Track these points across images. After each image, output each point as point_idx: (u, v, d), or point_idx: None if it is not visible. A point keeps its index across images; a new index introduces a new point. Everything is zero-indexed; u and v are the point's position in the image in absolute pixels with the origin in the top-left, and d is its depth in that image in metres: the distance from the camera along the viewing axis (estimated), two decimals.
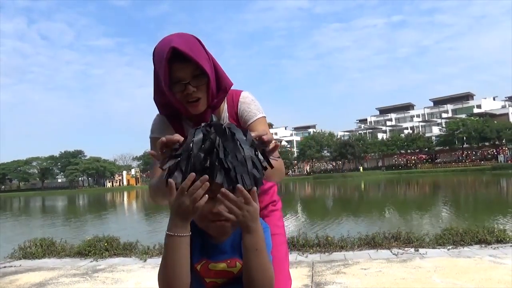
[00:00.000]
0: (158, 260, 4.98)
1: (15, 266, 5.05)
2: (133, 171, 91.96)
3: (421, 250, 4.61)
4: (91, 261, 5.13)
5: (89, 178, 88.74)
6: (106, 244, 5.55)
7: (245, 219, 0.91)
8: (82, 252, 5.46)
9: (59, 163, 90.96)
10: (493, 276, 3.42)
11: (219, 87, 1.31)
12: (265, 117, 1.41)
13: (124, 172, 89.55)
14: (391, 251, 4.68)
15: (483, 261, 4.00)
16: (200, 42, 1.26)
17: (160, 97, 1.32)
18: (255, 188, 0.92)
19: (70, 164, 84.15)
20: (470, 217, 11.09)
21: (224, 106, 1.41)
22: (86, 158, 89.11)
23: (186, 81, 1.21)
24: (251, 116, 1.38)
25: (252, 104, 1.40)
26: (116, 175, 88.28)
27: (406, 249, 4.74)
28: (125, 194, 54.00)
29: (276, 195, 1.58)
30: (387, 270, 3.84)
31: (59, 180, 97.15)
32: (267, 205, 1.52)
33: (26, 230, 13.01)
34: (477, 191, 23.50)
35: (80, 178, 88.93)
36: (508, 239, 4.79)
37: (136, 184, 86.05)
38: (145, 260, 5.00)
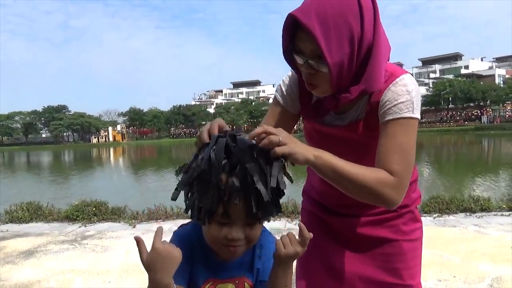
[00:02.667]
0: (147, 226, 5.01)
1: (1, 231, 5.00)
2: (118, 127, 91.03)
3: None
4: (79, 226, 5.11)
5: (74, 134, 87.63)
6: (94, 209, 5.51)
7: (295, 257, 0.87)
8: (70, 217, 5.43)
9: (42, 118, 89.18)
10: (478, 248, 3.50)
11: (359, 79, 0.98)
12: (415, 119, 1.01)
13: (110, 128, 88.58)
14: None
15: (468, 230, 4.10)
16: (362, 8, 0.92)
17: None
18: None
19: (54, 119, 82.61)
20: (450, 178, 11.37)
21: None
22: (70, 113, 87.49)
23: (304, 57, 0.96)
24: (393, 111, 1.00)
25: (404, 96, 1.01)
26: (102, 131, 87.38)
27: None
28: (111, 150, 53.72)
29: None
30: None
31: (43, 135, 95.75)
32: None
33: (12, 189, 12.90)
34: (458, 152, 24.05)
35: (65, 134, 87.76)
36: (492, 207, 4.91)
37: (122, 140, 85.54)
38: (134, 226, 5.00)
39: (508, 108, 62.38)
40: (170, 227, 4.90)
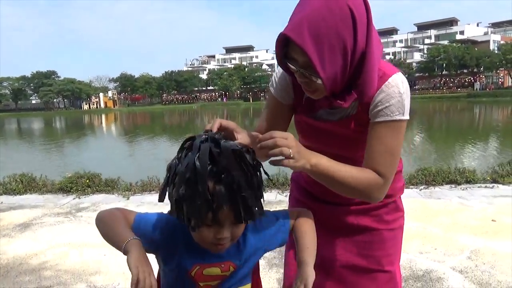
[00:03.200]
0: (140, 198, 5.10)
1: None
2: (110, 93, 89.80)
3: None
4: (73, 198, 5.18)
5: (65, 100, 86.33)
6: (88, 180, 5.57)
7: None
8: (64, 189, 5.50)
9: (31, 84, 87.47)
10: (459, 221, 3.65)
11: (352, 88, 1.01)
12: (404, 121, 1.06)
13: (101, 94, 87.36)
14: None
15: (452, 203, 4.24)
16: (355, 17, 0.91)
17: None
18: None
19: (44, 85, 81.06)
20: (439, 148, 11.56)
21: None
22: (60, 79, 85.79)
23: (297, 67, 0.99)
24: (384, 113, 1.04)
25: (396, 97, 1.04)
26: (93, 97, 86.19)
27: None
28: (103, 117, 53.28)
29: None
30: None
31: (33, 102, 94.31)
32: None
33: (2, 157, 12.87)
34: (448, 120, 24.28)
35: (55, 100, 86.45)
36: (476, 179, 5.05)
37: (114, 107, 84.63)
38: (128, 198, 5.09)
39: (501, 75, 62.40)
40: None
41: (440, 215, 3.84)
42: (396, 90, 1.04)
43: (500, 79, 63.15)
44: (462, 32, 73.66)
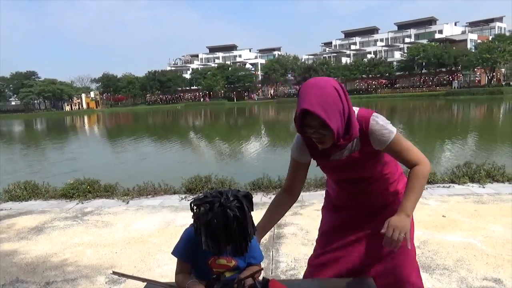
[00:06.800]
0: (139, 202, 5.65)
1: (5, 209, 5.53)
2: (92, 94, 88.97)
3: None
4: (77, 203, 5.68)
5: (46, 101, 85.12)
6: (88, 187, 6.08)
7: None
8: (67, 195, 5.99)
9: (11, 85, 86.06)
10: (416, 217, 4.30)
11: (348, 132, 1.54)
12: (395, 133, 1.59)
13: (83, 95, 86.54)
14: None
15: None
16: (339, 92, 1.48)
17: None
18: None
19: (24, 86, 79.80)
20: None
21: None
22: (40, 80, 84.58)
23: (314, 129, 1.50)
24: (385, 141, 1.59)
25: (382, 130, 1.59)
26: (75, 98, 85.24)
27: None
28: (86, 118, 52.96)
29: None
30: None
31: (13, 103, 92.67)
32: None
33: None
34: (430, 117, 25.33)
35: (36, 101, 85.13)
36: (437, 180, 5.76)
37: (97, 107, 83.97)
38: (127, 202, 5.62)
39: (478, 73, 64.44)
40: (160, 202, 5.57)
41: None
42: (379, 125, 1.60)
43: (477, 78, 65.21)
44: (440, 31, 75.70)
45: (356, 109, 1.62)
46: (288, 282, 1.76)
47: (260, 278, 1.56)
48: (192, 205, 1.51)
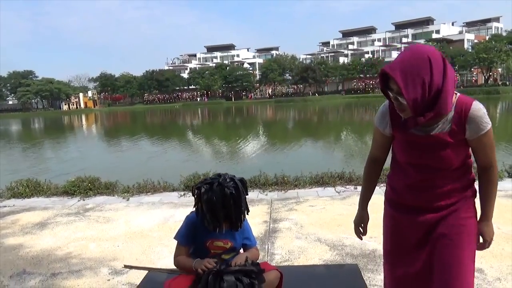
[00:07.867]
0: (139, 199, 5.82)
1: (9, 205, 5.68)
2: (90, 93, 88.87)
3: (359, 188, 5.65)
4: (78, 200, 5.83)
5: (43, 101, 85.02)
6: (89, 184, 6.23)
7: None
8: (68, 192, 6.14)
9: (8, 84, 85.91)
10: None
11: (432, 108, 1.44)
12: (491, 126, 1.53)
13: (81, 94, 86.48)
14: (335, 189, 5.70)
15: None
16: (432, 64, 1.40)
17: None
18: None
19: (21, 86, 79.71)
20: None
21: (450, 114, 1.52)
22: (38, 79, 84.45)
23: (394, 94, 1.46)
24: (482, 130, 1.51)
25: (484, 118, 1.51)
26: (72, 97, 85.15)
27: (347, 187, 5.79)
28: (84, 117, 52.99)
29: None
30: (330, 207, 4.85)
31: (10, 103, 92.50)
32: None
33: None
34: None
35: (33, 101, 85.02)
36: None
37: (94, 107, 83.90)
38: (128, 199, 5.77)
39: (475, 73, 64.78)
40: (159, 199, 5.73)
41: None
42: (481, 112, 1.52)
43: (474, 77, 65.54)
44: (438, 31, 76.13)
45: (457, 94, 1.56)
46: (278, 267, 1.93)
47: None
48: (194, 188, 1.69)
